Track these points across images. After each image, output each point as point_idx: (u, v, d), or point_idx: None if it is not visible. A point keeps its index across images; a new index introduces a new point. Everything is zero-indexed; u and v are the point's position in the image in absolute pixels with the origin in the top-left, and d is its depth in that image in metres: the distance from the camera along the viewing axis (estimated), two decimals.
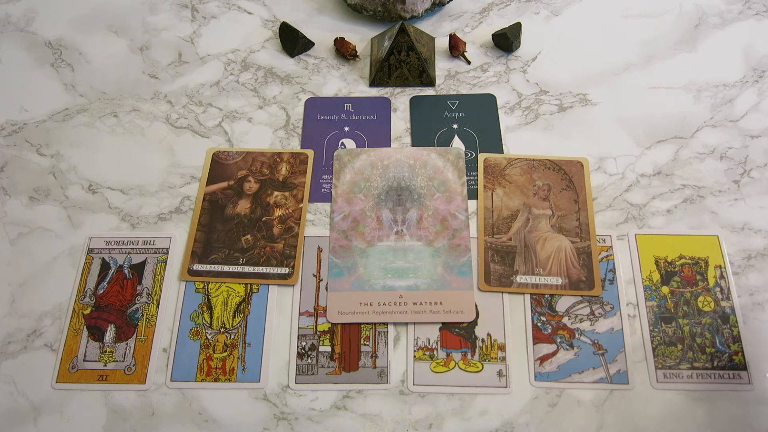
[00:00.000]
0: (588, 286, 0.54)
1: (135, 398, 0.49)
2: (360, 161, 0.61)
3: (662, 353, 0.51)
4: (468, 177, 0.60)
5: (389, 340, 0.52)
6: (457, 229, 0.57)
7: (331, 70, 0.69)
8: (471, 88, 0.67)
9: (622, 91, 0.66)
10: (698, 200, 0.58)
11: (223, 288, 0.54)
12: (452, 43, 0.68)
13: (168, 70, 0.69)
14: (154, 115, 0.65)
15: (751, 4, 0.73)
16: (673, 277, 0.54)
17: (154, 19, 0.73)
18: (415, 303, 0.53)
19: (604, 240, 0.56)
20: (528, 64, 0.69)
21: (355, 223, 0.58)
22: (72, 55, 0.70)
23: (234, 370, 0.51)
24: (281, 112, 0.65)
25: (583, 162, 0.61)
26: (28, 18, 0.73)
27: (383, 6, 0.70)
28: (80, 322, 0.53)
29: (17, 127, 0.65)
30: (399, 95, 0.66)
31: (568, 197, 0.58)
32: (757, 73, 0.67)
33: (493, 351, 0.51)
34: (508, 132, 0.63)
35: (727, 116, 0.64)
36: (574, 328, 0.52)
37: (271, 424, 0.48)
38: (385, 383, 0.50)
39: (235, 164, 0.61)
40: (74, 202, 0.59)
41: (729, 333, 0.51)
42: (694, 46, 0.70)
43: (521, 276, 0.54)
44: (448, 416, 0.49)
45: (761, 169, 0.60)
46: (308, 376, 0.50)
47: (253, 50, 0.70)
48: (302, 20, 0.73)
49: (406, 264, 0.55)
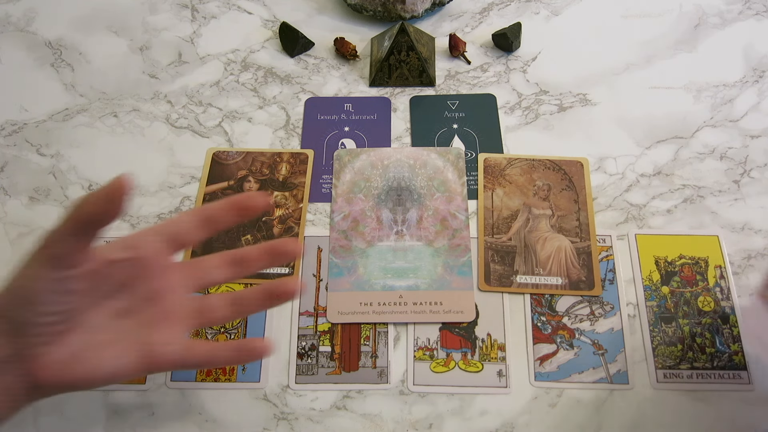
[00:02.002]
0: (588, 286, 0.54)
1: (135, 398, 0.49)
2: (360, 161, 0.61)
3: (662, 353, 0.51)
4: (468, 177, 0.60)
5: (389, 340, 0.52)
6: (457, 229, 0.57)
7: (331, 70, 0.69)
8: (471, 88, 0.67)
9: (622, 91, 0.66)
10: (698, 200, 0.59)
11: (223, 288, 0.54)
12: (452, 43, 0.68)
13: (168, 70, 0.69)
14: (154, 115, 0.65)
15: (751, 4, 0.73)
16: (673, 277, 0.54)
17: (154, 19, 0.73)
18: (415, 303, 0.53)
19: (604, 240, 0.56)
20: (528, 64, 0.69)
21: (355, 223, 0.58)
22: (72, 55, 0.70)
23: (234, 370, 0.51)
24: (281, 112, 0.65)
25: (583, 162, 0.61)
26: (28, 18, 0.73)
27: (383, 6, 0.70)
28: None
29: (17, 127, 0.65)
30: (399, 95, 0.66)
31: (568, 197, 0.58)
32: (757, 73, 0.67)
33: (493, 351, 0.51)
34: (508, 132, 0.63)
35: (727, 116, 0.64)
36: (574, 328, 0.52)
37: (271, 424, 0.48)
38: (385, 383, 0.50)
39: (235, 164, 0.61)
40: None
41: (729, 333, 0.52)
42: (694, 46, 0.70)
43: (521, 276, 0.54)
44: (448, 416, 0.49)
45: (761, 169, 0.60)
46: (308, 376, 0.50)
47: (253, 50, 0.70)
48: (302, 20, 0.73)
49: (406, 264, 0.55)
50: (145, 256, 0.40)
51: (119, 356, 0.38)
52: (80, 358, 0.37)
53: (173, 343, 0.39)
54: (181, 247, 0.42)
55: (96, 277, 0.38)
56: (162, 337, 0.39)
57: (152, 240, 0.40)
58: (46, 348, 0.36)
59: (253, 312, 0.44)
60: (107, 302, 0.39)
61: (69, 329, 0.37)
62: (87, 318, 0.38)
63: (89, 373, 0.37)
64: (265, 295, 0.43)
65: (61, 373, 0.36)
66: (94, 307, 0.39)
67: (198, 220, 0.41)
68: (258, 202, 0.41)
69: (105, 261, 0.38)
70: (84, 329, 0.38)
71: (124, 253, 0.39)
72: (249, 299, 0.43)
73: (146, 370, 0.39)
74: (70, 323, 0.37)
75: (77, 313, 0.37)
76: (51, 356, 0.36)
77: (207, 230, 0.42)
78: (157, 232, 0.41)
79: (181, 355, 0.39)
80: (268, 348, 0.41)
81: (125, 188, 0.34)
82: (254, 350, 0.41)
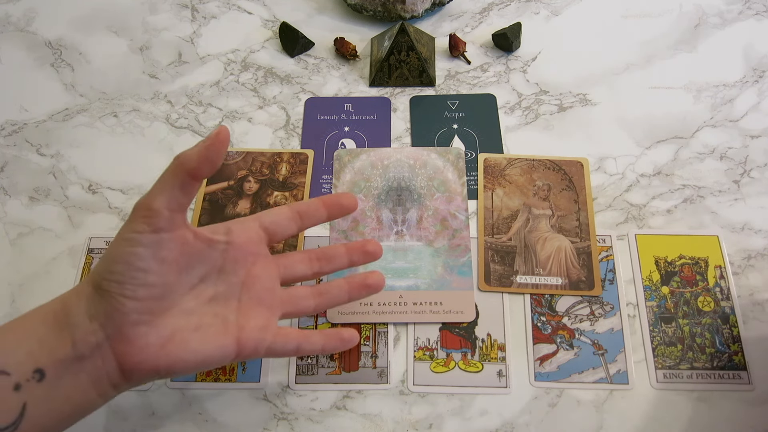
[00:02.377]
0: (588, 286, 0.54)
1: (135, 398, 0.49)
2: (360, 161, 0.61)
3: (662, 353, 0.51)
4: (468, 177, 0.60)
5: (389, 340, 0.52)
6: (457, 229, 0.57)
7: (331, 70, 0.69)
8: (471, 88, 0.67)
9: (622, 91, 0.66)
10: (698, 200, 0.59)
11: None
12: (452, 43, 0.68)
13: (168, 70, 0.69)
14: (154, 115, 0.65)
15: (751, 4, 0.73)
16: (673, 277, 0.54)
17: (154, 19, 0.73)
18: (415, 303, 0.53)
19: (604, 240, 0.56)
20: (528, 64, 0.69)
21: (355, 223, 0.58)
22: (72, 55, 0.70)
23: (234, 370, 0.51)
24: (281, 112, 0.65)
25: (583, 162, 0.61)
26: (28, 18, 0.73)
27: (383, 6, 0.70)
28: None
29: (17, 127, 0.65)
30: (399, 95, 0.66)
31: (568, 197, 0.58)
32: (757, 73, 0.67)
33: (493, 351, 0.51)
34: (508, 132, 0.63)
35: (727, 116, 0.64)
36: (574, 328, 0.52)
37: (271, 425, 0.48)
38: (385, 383, 0.50)
39: (235, 164, 0.61)
40: (74, 202, 0.59)
41: (729, 333, 0.52)
42: (694, 46, 0.70)
43: (521, 276, 0.54)
44: (448, 416, 0.49)
45: (761, 169, 0.60)
46: (308, 376, 0.50)
47: (253, 50, 0.70)
48: (302, 20, 0.73)
49: (406, 264, 0.55)
50: (242, 242, 0.40)
51: (213, 341, 0.38)
52: (174, 341, 0.36)
53: (267, 328, 0.40)
54: (275, 238, 0.43)
55: (191, 252, 0.38)
56: (256, 323, 0.40)
57: (251, 227, 0.41)
58: (139, 329, 0.35)
59: (339, 302, 0.45)
60: (203, 286, 0.39)
61: (163, 310, 0.37)
62: (182, 301, 0.38)
63: (183, 357, 0.37)
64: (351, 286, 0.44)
65: (155, 356, 0.36)
66: (190, 290, 0.38)
67: (292, 213, 0.43)
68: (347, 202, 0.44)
69: (202, 238, 0.38)
70: (178, 312, 0.37)
71: (223, 235, 0.40)
72: (333, 289, 0.44)
73: (239, 355, 0.39)
74: (165, 303, 0.37)
75: (172, 292, 0.37)
76: (146, 337, 0.35)
77: (299, 224, 0.43)
78: (255, 219, 0.42)
79: (274, 341, 0.40)
80: (355, 337, 0.43)
81: (225, 140, 0.35)
82: (343, 340, 0.43)
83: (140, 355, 0.35)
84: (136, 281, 0.35)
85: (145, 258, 0.35)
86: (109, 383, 0.36)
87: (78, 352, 0.35)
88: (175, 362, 0.36)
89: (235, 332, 0.39)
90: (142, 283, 0.35)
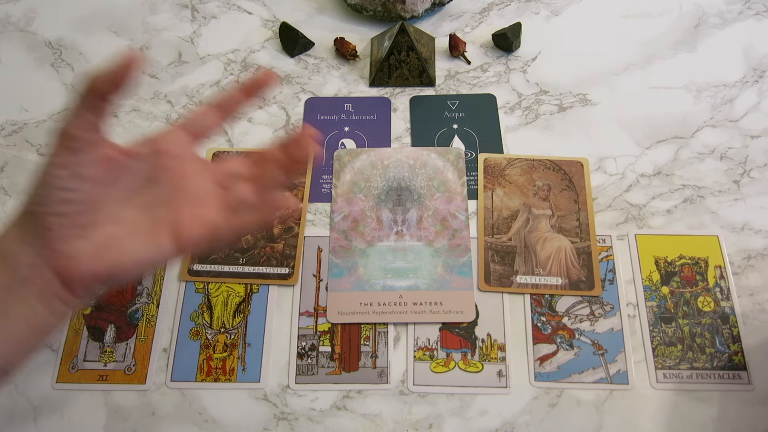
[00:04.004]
0: (588, 287, 0.54)
1: (135, 398, 0.50)
2: (360, 161, 0.61)
3: (662, 353, 0.51)
4: (468, 177, 0.60)
5: (389, 340, 0.52)
6: (457, 229, 0.57)
7: (331, 70, 0.69)
8: (471, 88, 0.67)
9: (622, 91, 0.66)
10: (698, 200, 0.59)
11: (223, 288, 0.54)
12: (452, 43, 0.68)
13: (168, 70, 0.69)
14: (154, 115, 0.65)
15: (751, 4, 0.73)
16: (673, 277, 0.54)
17: (154, 19, 0.73)
18: (415, 303, 0.53)
19: (604, 240, 0.56)
20: (528, 64, 0.69)
21: (355, 223, 0.58)
22: (72, 55, 0.70)
23: (234, 370, 0.51)
24: (281, 112, 0.65)
25: (583, 162, 0.61)
26: (28, 18, 0.73)
27: (383, 6, 0.70)
28: (80, 322, 0.53)
29: (17, 127, 0.65)
30: (399, 95, 0.66)
31: (568, 197, 0.58)
32: (757, 73, 0.67)
33: (493, 351, 0.51)
34: (508, 132, 0.63)
35: (727, 116, 0.64)
36: (574, 328, 0.52)
37: (271, 425, 0.49)
38: (385, 383, 0.50)
39: None
40: None
41: (729, 333, 0.52)
42: (694, 46, 0.70)
43: (521, 276, 0.54)
44: (448, 416, 0.49)
45: (761, 169, 0.60)
46: (308, 376, 0.50)
47: (253, 50, 0.70)
48: (302, 20, 0.73)
49: (406, 264, 0.55)
50: (167, 148, 0.42)
51: (147, 241, 0.39)
52: (109, 246, 0.38)
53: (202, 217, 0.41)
54: (199, 133, 0.43)
55: (114, 166, 0.39)
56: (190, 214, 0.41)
57: (173, 131, 0.42)
58: (71, 242, 0.37)
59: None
60: (135, 196, 0.40)
61: (94, 222, 0.38)
62: (114, 211, 0.39)
63: (120, 260, 0.38)
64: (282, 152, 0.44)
65: (91, 265, 0.37)
66: (121, 201, 0.40)
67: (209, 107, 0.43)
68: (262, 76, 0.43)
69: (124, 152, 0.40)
70: (111, 221, 0.39)
71: (145, 147, 0.41)
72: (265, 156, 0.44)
73: (179, 250, 0.40)
74: (94, 215, 0.38)
75: (100, 204, 0.38)
76: (78, 248, 0.37)
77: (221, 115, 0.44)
78: (177, 126, 0.43)
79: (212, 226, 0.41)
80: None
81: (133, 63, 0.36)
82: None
83: (77, 267, 0.37)
84: (57, 199, 0.37)
85: (64, 178, 0.36)
86: (58, 299, 0.37)
87: (18, 276, 0.36)
88: (113, 266, 0.38)
89: (169, 229, 0.40)
90: (64, 200, 0.37)
